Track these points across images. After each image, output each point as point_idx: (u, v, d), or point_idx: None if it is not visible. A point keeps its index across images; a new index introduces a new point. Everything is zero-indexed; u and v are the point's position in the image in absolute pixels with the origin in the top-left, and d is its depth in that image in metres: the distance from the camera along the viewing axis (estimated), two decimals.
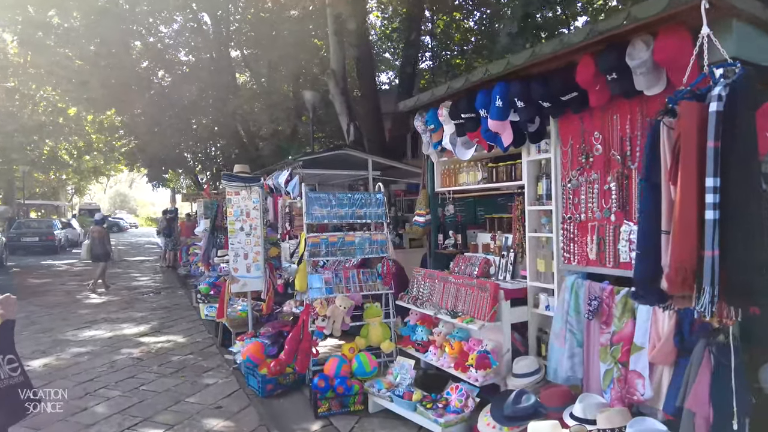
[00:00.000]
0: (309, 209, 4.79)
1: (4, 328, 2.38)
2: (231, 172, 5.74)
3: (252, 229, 5.62)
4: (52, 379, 5.24)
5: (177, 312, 8.73)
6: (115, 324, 7.82)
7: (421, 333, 4.48)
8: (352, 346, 4.58)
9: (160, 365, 5.69)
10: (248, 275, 5.62)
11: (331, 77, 10.28)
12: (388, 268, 4.86)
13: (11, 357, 2.39)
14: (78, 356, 6.10)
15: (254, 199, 5.62)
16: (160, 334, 7.13)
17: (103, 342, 6.75)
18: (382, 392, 4.13)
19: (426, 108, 4.78)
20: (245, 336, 5.58)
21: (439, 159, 4.91)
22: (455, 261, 4.73)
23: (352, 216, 4.94)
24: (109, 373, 5.45)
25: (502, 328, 3.86)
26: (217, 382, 5.11)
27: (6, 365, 2.33)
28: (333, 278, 4.81)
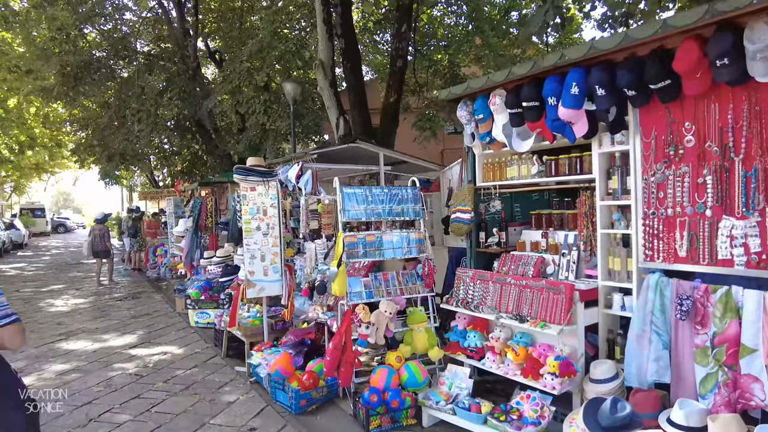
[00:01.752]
0: (345, 206, 4.37)
1: None
2: (245, 165, 5.20)
3: (270, 228, 5.12)
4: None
5: (161, 319, 8.01)
6: (95, 335, 7.06)
7: (474, 339, 4.17)
8: (399, 354, 4.20)
9: (165, 381, 5.10)
10: (265, 279, 5.12)
11: (320, 68, 9.76)
12: (430, 268, 4.51)
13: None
14: (64, 374, 5.39)
15: (272, 195, 5.13)
16: (152, 345, 6.47)
17: (89, 356, 6.03)
18: (441, 404, 3.80)
19: (471, 96, 4.48)
20: (263, 346, 5.08)
21: (482, 151, 4.61)
22: (501, 260, 4.45)
23: (389, 213, 4.56)
24: (108, 393, 4.82)
25: (577, 331, 3.61)
26: (238, 398, 4.60)
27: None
28: (373, 281, 4.41)
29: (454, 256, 5.59)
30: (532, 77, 3.89)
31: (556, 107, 3.68)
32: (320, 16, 9.62)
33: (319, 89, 10.03)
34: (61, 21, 11.61)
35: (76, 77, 12.71)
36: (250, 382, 4.99)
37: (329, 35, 9.69)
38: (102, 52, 13.73)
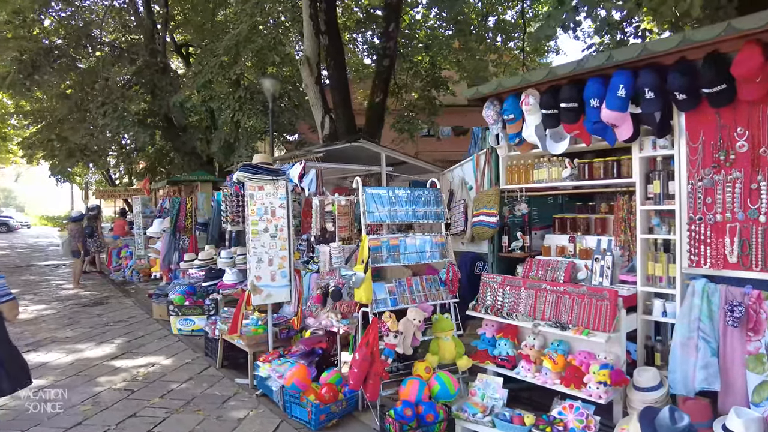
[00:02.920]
0: (369, 207, 4.13)
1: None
2: (251, 163, 4.86)
3: (278, 230, 4.80)
4: (21, 428, 4.05)
5: (138, 327, 7.46)
6: (67, 345, 6.46)
7: (505, 347, 4.02)
8: (427, 365, 4.00)
9: (161, 397, 4.68)
10: (273, 284, 4.80)
11: (305, 65, 9.45)
12: (455, 274, 4.34)
13: None
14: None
15: (281, 195, 4.81)
16: (136, 356, 5.97)
17: (66, 369, 5.49)
18: (478, 417, 3.61)
19: (498, 96, 4.34)
20: (269, 356, 4.75)
21: (508, 153, 4.48)
22: (526, 265, 4.33)
23: (412, 215, 4.35)
24: (98, 412, 4.36)
25: (621, 338, 3.52)
26: (247, 414, 4.26)
27: None
28: (397, 287, 4.19)
29: (467, 261, 5.43)
30: (571, 78, 3.79)
31: (598, 109, 3.59)
32: (307, 11, 9.32)
33: (304, 86, 9.72)
34: (17, 3, 10.70)
35: (34, 65, 11.77)
36: (257, 395, 4.65)
37: (316, 31, 9.40)
38: (61, 40, 12.78)
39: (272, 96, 11.25)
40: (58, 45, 12.41)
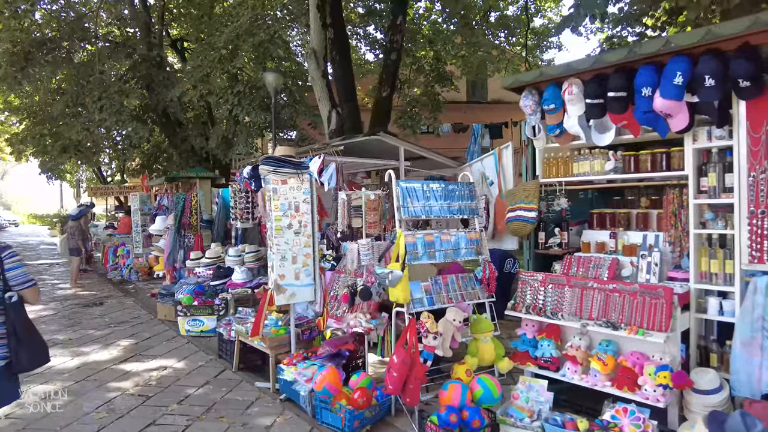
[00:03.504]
0: (404, 202, 3.92)
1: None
2: (275, 155, 4.62)
3: (302, 226, 4.57)
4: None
5: (143, 328, 7.18)
6: (71, 347, 6.18)
7: (548, 348, 3.83)
8: (467, 367, 3.80)
9: (178, 403, 4.43)
10: (297, 283, 4.56)
11: (312, 58, 9.20)
12: (492, 272, 4.14)
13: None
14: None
15: (305, 189, 4.57)
16: (146, 359, 5.71)
17: (74, 374, 5.22)
18: (526, 422, 3.43)
19: (536, 86, 4.15)
20: (293, 359, 4.52)
21: (545, 145, 4.29)
22: (565, 262, 4.16)
23: (447, 210, 4.15)
24: (114, 420, 4.10)
25: (676, 338, 3.35)
26: (275, 421, 4.04)
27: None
28: (433, 286, 3.98)
29: (495, 258, 5.25)
30: (619, 66, 3.61)
31: (650, 98, 3.41)
32: (314, 2, 9.07)
33: (310, 80, 9.46)
34: None
35: (27, 57, 11.35)
36: (280, 400, 4.42)
37: (323, 23, 9.15)
38: (55, 32, 12.36)
39: (275, 90, 10.99)
40: (51, 37, 11.99)
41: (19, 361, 2.90)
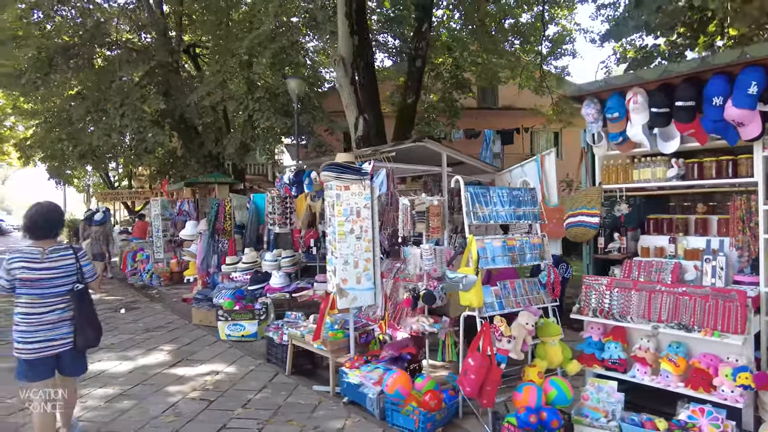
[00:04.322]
0: (472, 207, 4.01)
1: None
2: (337, 162, 4.70)
3: (363, 231, 4.65)
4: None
5: (180, 332, 7.22)
6: (116, 351, 6.22)
7: (615, 350, 3.92)
8: (539, 370, 3.88)
9: (243, 407, 4.48)
10: (358, 287, 4.64)
11: (340, 65, 9.28)
12: (556, 276, 4.23)
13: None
14: (113, 401, 4.63)
15: (365, 195, 4.66)
16: (194, 363, 5.76)
17: (129, 378, 5.26)
18: (602, 422, 3.51)
19: (596, 95, 4.26)
20: (355, 362, 4.59)
21: (606, 152, 4.40)
22: (626, 267, 4.25)
23: (513, 215, 4.24)
24: (185, 423, 4.15)
25: (750, 340, 3.45)
26: (345, 424, 4.09)
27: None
28: (502, 290, 4.07)
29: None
30: (687, 76, 3.72)
31: (720, 108, 3.52)
32: (342, 9, 9.18)
33: (338, 87, 9.54)
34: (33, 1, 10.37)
35: (50, 63, 11.40)
36: (344, 403, 4.48)
37: (351, 30, 9.25)
38: (74, 38, 12.42)
39: (297, 96, 11.09)
40: (74, 43, 12.04)
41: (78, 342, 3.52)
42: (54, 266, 3.48)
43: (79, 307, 3.52)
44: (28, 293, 3.41)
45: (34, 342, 3.40)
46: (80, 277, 3.57)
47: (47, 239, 3.56)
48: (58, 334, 3.47)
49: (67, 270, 3.52)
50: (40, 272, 3.42)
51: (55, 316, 3.47)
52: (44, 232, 3.55)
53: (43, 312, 3.43)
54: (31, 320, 3.41)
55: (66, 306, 3.51)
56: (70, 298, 3.51)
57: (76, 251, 3.66)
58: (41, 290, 3.43)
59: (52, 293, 3.46)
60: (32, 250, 3.47)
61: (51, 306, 3.46)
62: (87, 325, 3.55)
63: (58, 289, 3.48)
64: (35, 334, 3.41)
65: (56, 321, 3.47)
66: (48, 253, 3.48)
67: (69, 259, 3.55)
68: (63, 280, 3.50)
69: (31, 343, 3.40)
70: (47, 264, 3.45)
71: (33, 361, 3.42)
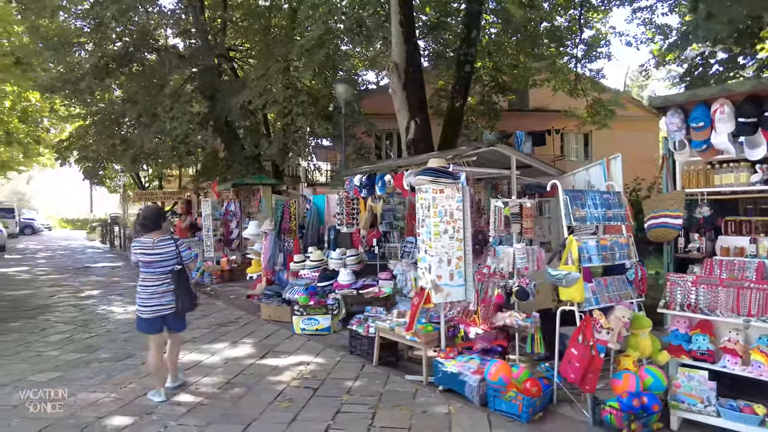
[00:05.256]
0: (569, 210, 4.35)
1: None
2: (432, 167, 5.06)
3: (455, 231, 5.01)
4: (243, 422, 4.21)
5: (253, 327, 7.63)
6: (201, 345, 6.62)
7: (703, 342, 4.23)
8: (633, 359, 4.21)
9: (348, 393, 4.85)
10: (451, 283, 5.00)
11: (394, 71, 9.67)
12: (644, 274, 4.55)
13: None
14: (224, 388, 5.03)
15: (458, 198, 5.02)
16: (281, 355, 6.14)
17: (227, 368, 5.66)
18: (699, 407, 3.85)
19: (679, 105, 4.57)
20: (448, 354, 4.94)
21: (688, 159, 4.71)
22: (706, 266, 4.55)
23: (603, 217, 4.57)
24: (301, 408, 4.51)
25: None
26: (449, 410, 4.44)
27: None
28: (597, 286, 4.40)
29: None
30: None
31: None
32: (396, 17, 9.55)
33: (391, 92, 9.91)
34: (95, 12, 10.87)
35: (107, 69, 11.91)
36: (440, 391, 4.83)
37: (405, 37, 9.61)
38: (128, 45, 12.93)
39: (344, 101, 11.46)
40: (127, 50, 12.55)
41: (178, 307, 4.66)
42: (161, 252, 4.62)
43: (177, 282, 4.62)
44: (145, 271, 4.62)
45: (149, 306, 4.57)
46: (179, 260, 4.69)
47: (154, 231, 4.72)
48: (165, 301, 4.61)
49: (170, 255, 4.64)
50: (152, 256, 4.60)
51: (162, 288, 4.60)
52: (151, 226, 4.74)
53: (154, 285, 4.60)
54: (147, 290, 4.60)
55: (170, 281, 4.60)
56: (171, 275, 4.60)
57: (176, 241, 4.78)
58: (153, 269, 4.61)
59: (160, 271, 4.60)
60: (146, 239, 4.64)
61: (160, 281, 4.60)
62: (184, 295, 4.67)
63: (164, 269, 4.61)
64: (149, 300, 4.57)
65: (163, 291, 4.60)
66: (157, 242, 4.64)
67: (171, 246, 4.68)
68: (167, 262, 4.63)
69: (146, 307, 4.57)
70: (157, 250, 4.62)
71: (148, 319, 4.61)
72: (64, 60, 13.17)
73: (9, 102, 22.26)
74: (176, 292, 4.63)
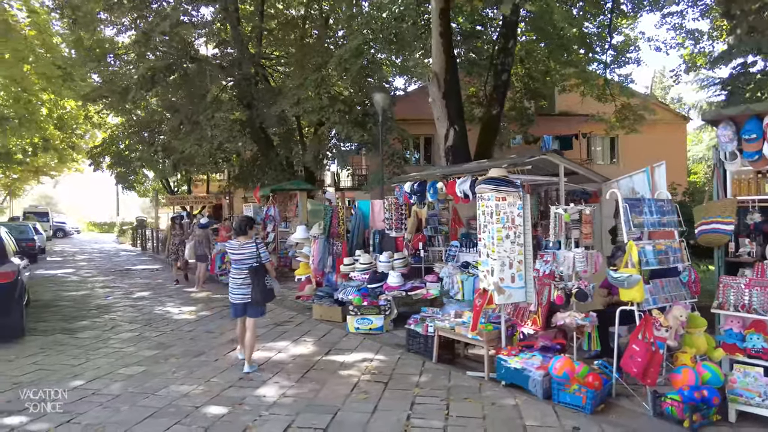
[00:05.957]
0: (628, 217, 4.68)
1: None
2: (494, 176, 5.42)
3: (516, 236, 5.36)
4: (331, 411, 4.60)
5: (308, 326, 8.05)
6: (265, 343, 7.01)
7: (758, 341, 4.53)
8: (691, 356, 4.53)
9: (418, 387, 5.23)
10: (512, 286, 5.35)
11: (434, 81, 10.05)
12: (696, 276, 4.87)
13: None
14: (302, 382, 5.43)
15: (519, 204, 5.37)
16: (343, 352, 6.54)
17: (297, 365, 6.02)
18: (757, 400, 4.15)
19: (732, 118, 4.87)
20: (510, 351, 5.30)
21: (738, 168, 5.01)
22: (757, 268, 4.85)
23: (658, 224, 4.89)
24: (379, 399, 4.90)
25: None
26: (517, 403, 4.79)
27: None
28: (654, 288, 4.73)
29: None
30: None
31: None
32: (437, 28, 9.92)
33: (430, 101, 10.28)
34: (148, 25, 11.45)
35: (153, 80, 12.48)
36: (503, 385, 5.18)
37: (445, 48, 9.98)
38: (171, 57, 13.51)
39: (382, 109, 11.85)
40: (173, 61, 13.13)
41: (252, 297, 5.67)
42: (244, 252, 5.73)
43: (254, 277, 5.65)
44: (234, 267, 5.81)
45: (234, 295, 5.78)
46: (258, 259, 5.72)
47: (241, 236, 5.82)
48: (244, 292, 5.70)
49: (251, 255, 5.71)
50: (238, 255, 5.76)
51: (244, 281, 5.68)
52: (239, 232, 5.87)
53: (238, 278, 5.74)
54: (234, 282, 5.78)
55: (248, 276, 5.65)
56: (249, 271, 5.65)
57: (257, 243, 5.81)
58: (238, 266, 5.75)
59: (242, 267, 5.71)
60: (234, 242, 5.84)
61: (242, 275, 5.70)
62: (257, 288, 5.64)
63: (245, 266, 5.69)
64: (234, 290, 5.77)
65: (243, 284, 5.70)
66: (242, 245, 5.75)
67: (252, 248, 5.74)
68: (248, 261, 5.70)
69: (233, 296, 5.80)
70: (241, 251, 5.75)
71: (234, 305, 5.87)
72: (105, 71, 13.79)
73: (46, 110, 23.09)
74: (252, 285, 5.64)
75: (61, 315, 9.08)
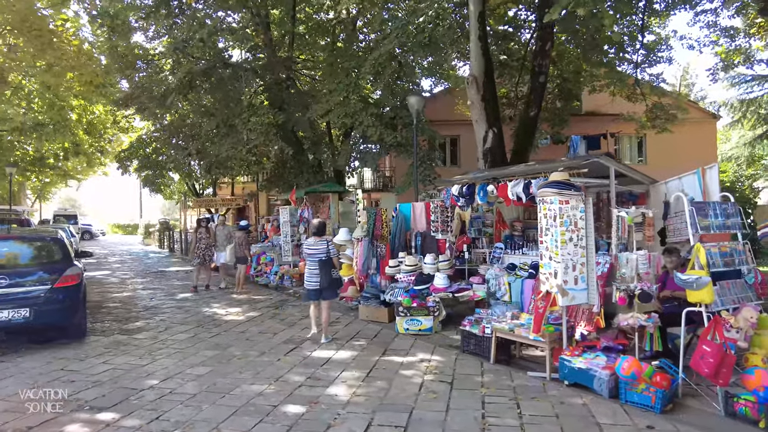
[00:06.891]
0: (694, 220, 4.77)
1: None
2: (557, 180, 5.53)
3: (579, 239, 5.47)
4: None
5: (356, 327, 8.22)
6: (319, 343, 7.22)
7: None
8: (761, 357, 4.61)
9: (484, 387, 5.36)
10: (575, 288, 5.46)
11: (473, 84, 10.16)
12: (764, 277, 4.93)
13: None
14: (369, 380, 5.60)
15: (581, 208, 5.48)
16: (400, 353, 6.69)
17: (358, 364, 6.21)
18: None
19: None
20: (573, 352, 5.41)
21: None
22: None
23: (723, 226, 4.97)
24: (448, 399, 5.05)
25: None
26: (584, 402, 4.91)
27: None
28: (721, 290, 4.81)
29: None
30: None
31: None
32: (475, 32, 10.04)
33: (469, 104, 10.40)
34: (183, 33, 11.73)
35: (191, 85, 12.75)
36: (566, 385, 5.29)
37: (483, 51, 10.09)
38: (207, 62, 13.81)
39: (416, 112, 11.98)
40: (210, 66, 13.42)
41: (321, 285, 7.09)
42: (317, 248, 7.18)
43: (321, 268, 7.08)
44: (308, 261, 7.22)
45: (309, 282, 7.18)
46: (327, 254, 7.16)
47: (316, 236, 7.27)
48: (317, 279, 7.10)
49: (321, 251, 7.16)
50: (311, 251, 7.21)
51: (315, 271, 7.09)
52: (315, 233, 7.32)
53: (312, 269, 7.16)
54: (308, 272, 7.21)
55: (319, 267, 7.05)
56: (319, 263, 7.05)
57: (327, 242, 7.24)
58: (312, 260, 7.16)
59: (315, 260, 7.12)
60: (310, 240, 7.33)
61: (315, 267, 7.11)
62: (324, 276, 7.08)
63: (317, 259, 7.10)
64: (309, 279, 7.18)
65: (315, 273, 7.10)
66: (316, 242, 7.20)
67: (323, 245, 7.18)
68: (319, 255, 7.13)
69: (308, 283, 7.20)
70: (315, 247, 7.19)
71: (309, 291, 7.25)
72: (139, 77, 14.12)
73: (75, 115, 23.62)
74: (320, 274, 7.06)
75: (113, 316, 9.36)
